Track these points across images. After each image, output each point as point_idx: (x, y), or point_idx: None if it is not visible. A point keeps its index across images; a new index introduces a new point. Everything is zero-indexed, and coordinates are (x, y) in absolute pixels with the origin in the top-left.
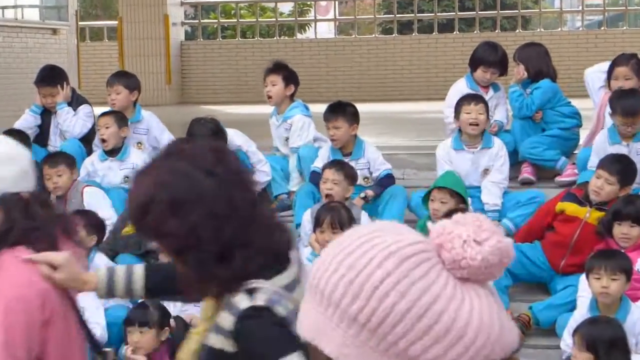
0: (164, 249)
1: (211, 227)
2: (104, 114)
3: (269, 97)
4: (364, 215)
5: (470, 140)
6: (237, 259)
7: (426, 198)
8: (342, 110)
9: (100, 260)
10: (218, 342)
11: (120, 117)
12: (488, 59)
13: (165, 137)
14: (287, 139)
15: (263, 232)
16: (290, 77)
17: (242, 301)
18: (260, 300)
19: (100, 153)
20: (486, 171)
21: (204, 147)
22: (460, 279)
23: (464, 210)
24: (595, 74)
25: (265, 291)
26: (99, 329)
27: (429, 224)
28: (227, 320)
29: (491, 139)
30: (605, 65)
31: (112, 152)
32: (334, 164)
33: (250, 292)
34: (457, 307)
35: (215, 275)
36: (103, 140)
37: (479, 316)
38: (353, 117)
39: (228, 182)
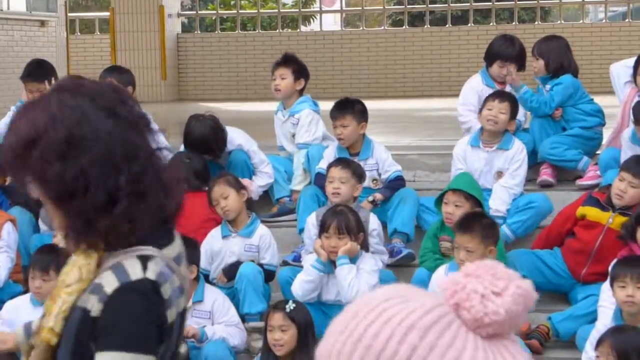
0: (43, 195)
1: (103, 172)
2: None
3: (277, 91)
4: (373, 218)
5: (488, 139)
6: (121, 209)
7: (439, 201)
8: (350, 107)
9: None
10: (90, 301)
11: None
12: (505, 53)
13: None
14: (294, 135)
15: (157, 188)
16: (300, 71)
17: (134, 269)
18: (152, 272)
19: None
20: (500, 174)
21: (105, 84)
22: (487, 336)
23: (481, 214)
24: (621, 68)
25: (157, 262)
26: None
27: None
28: (110, 283)
29: (511, 140)
30: (632, 60)
31: None
32: (340, 161)
33: (144, 260)
34: None
35: (94, 225)
36: None
37: None
38: (361, 114)
39: (131, 125)
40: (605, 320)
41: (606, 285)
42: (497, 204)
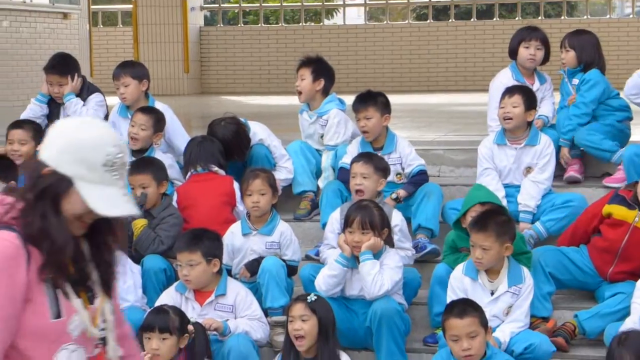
0: None
1: None
2: (143, 111)
3: (299, 93)
4: (395, 213)
5: (513, 136)
6: None
7: (457, 223)
8: (372, 100)
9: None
10: None
11: (159, 119)
12: (528, 33)
13: (180, 139)
14: (322, 136)
15: None
16: (319, 71)
17: None
18: None
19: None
20: (529, 170)
21: None
22: None
23: (495, 211)
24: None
25: None
26: None
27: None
28: None
29: (537, 136)
30: None
31: (137, 153)
32: (362, 156)
33: None
34: None
35: None
36: (133, 138)
37: None
38: (384, 106)
39: None
40: (634, 317)
41: None
42: (526, 199)
